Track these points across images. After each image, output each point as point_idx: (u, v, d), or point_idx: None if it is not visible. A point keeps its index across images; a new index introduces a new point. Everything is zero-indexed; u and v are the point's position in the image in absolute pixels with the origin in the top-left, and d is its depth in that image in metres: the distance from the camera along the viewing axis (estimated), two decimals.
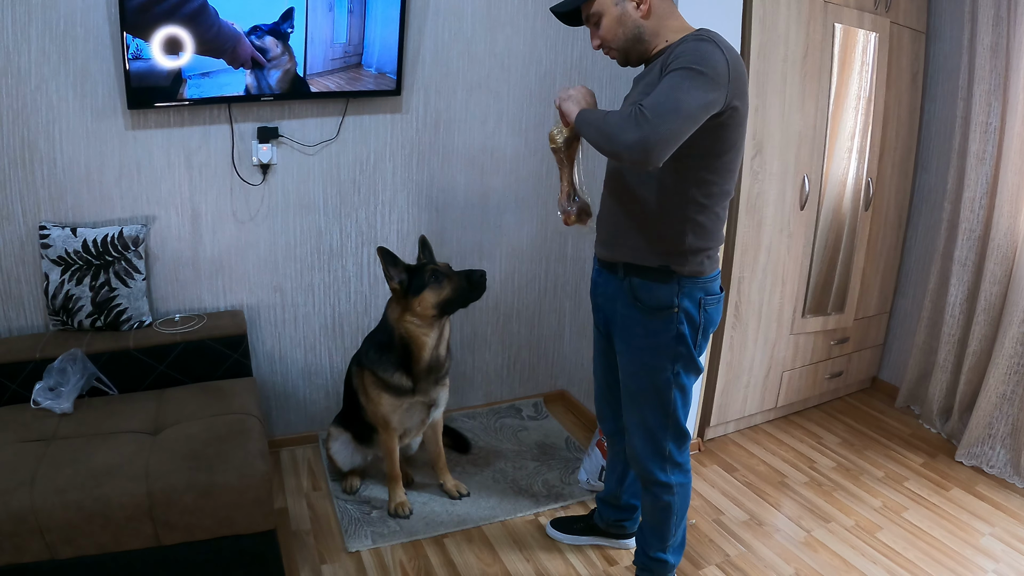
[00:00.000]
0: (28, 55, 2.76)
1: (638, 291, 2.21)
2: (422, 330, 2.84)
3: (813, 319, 3.84)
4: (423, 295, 2.77)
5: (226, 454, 2.43)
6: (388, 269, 2.80)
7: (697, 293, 2.18)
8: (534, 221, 3.86)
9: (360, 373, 3.04)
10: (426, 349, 2.88)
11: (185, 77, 2.86)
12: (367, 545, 2.91)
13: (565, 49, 3.64)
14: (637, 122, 1.82)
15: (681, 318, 2.18)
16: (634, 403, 2.35)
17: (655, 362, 2.24)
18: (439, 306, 2.80)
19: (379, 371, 2.93)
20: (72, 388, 2.73)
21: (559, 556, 2.90)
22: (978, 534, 3.04)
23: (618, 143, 1.87)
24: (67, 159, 2.92)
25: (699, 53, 1.88)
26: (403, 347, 2.88)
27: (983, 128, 3.49)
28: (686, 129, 1.85)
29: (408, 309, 2.82)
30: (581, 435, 3.80)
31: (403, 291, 2.82)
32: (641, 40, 2.09)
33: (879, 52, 3.58)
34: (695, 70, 1.85)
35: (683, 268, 2.14)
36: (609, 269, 2.33)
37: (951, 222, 3.76)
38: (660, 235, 2.14)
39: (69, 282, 2.91)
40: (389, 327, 2.91)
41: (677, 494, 2.40)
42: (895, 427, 3.98)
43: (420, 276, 2.80)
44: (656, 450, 2.35)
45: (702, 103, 1.85)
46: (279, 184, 3.28)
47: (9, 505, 2.15)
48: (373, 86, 3.22)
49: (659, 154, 1.83)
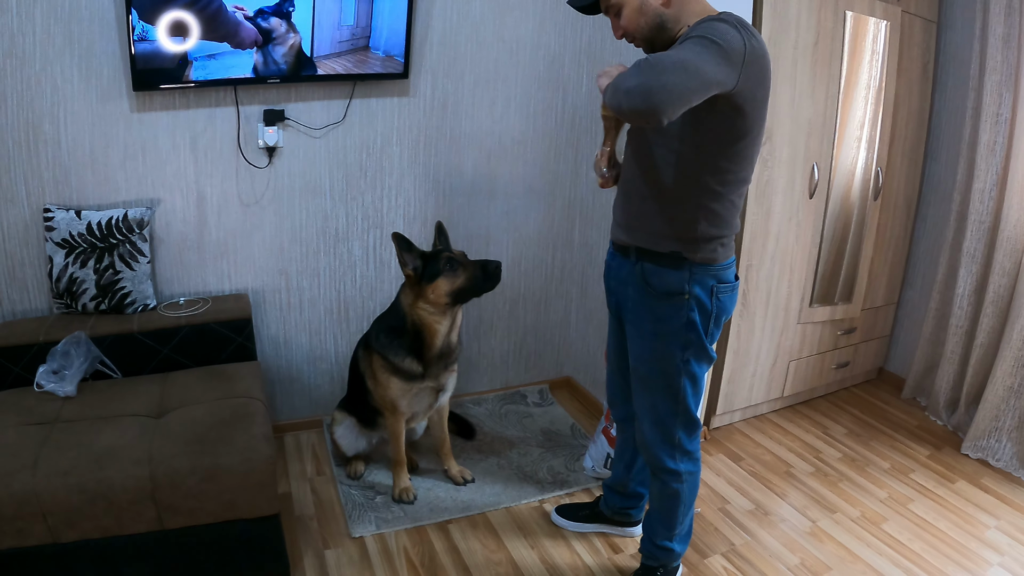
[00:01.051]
0: (33, 36, 2.74)
1: (649, 276, 2.20)
2: (435, 317, 2.83)
3: (821, 309, 3.82)
4: (437, 283, 2.75)
5: (230, 438, 2.43)
6: (403, 255, 2.78)
7: (709, 280, 2.16)
8: (541, 206, 3.84)
9: (369, 356, 3.02)
10: (438, 336, 2.86)
11: (191, 59, 2.84)
12: (371, 530, 2.90)
13: (574, 34, 3.60)
14: (640, 69, 1.77)
15: (692, 305, 2.16)
16: (644, 389, 2.34)
17: (665, 348, 2.23)
18: (453, 295, 2.77)
19: (389, 355, 2.91)
20: (76, 371, 2.72)
21: (564, 543, 2.89)
22: (984, 527, 3.03)
23: (620, 91, 1.80)
24: (72, 141, 2.90)
25: (715, 28, 1.84)
26: (415, 333, 2.86)
27: (994, 119, 3.45)
28: (691, 88, 1.75)
29: (421, 296, 2.79)
30: (587, 422, 3.79)
31: (417, 278, 2.79)
32: (664, 28, 2.05)
33: (890, 41, 3.54)
34: (708, 39, 1.80)
35: (695, 255, 2.13)
36: (623, 253, 2.32)
37: (960, 213, 3.73)
38: (673, 221, 2.12)
39: (73, 265, 2.90)
40: (401, 312, 2.89)
41: (686, 482, 2.39)
42: (901, 418, 3.96)
43: (435, 263, 2.77)
44: (666, 437, 2.34)
45: (710, 70, 1.77)
46: (285, 167, 3.26)
47: (12, 488, 2.15)
48: (380, 69, 3.19)
49: (661, 103, 1.71)
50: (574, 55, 3.65)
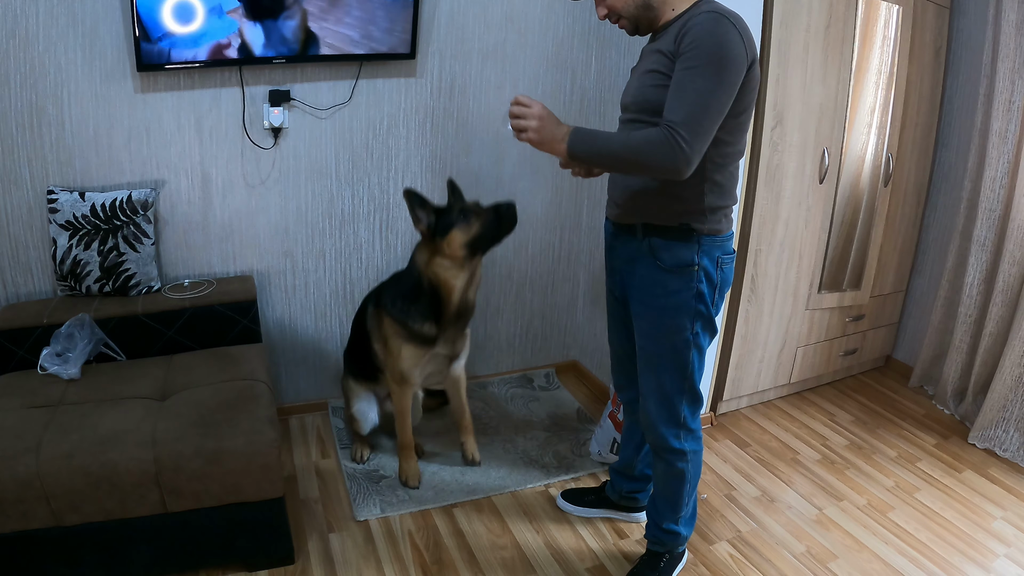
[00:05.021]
0: (36, 17, 2.71)
1: (658, 251, 2.20)
2: (451, 272, 2.75)
3: (829, 295, 3.80)
4: (451, 235, 2.69)
5: (234, 420, 2.42)
6: (416, 211, 2.71)
7: (715, 251, 2.19)
8: (549, 189, 3.81)
9: (379, 318, 2.97)
10: (455, 292, 2.79)
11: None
12: (375, 514, 2.90)
13: (583, 15, 3.56)
14: (673, 147, 1.87)
15: (701, 276, 2.18)
16: (650, 366, 2.34)
17: (675, 322, 2.23)
18: (469, 244, 2.71)
19: (406, 320, 2.85)
20: (79, 354, 2.71)
21: (569, 528, 2.88)
22: (990, 517, 3.02)
23: (657, 169, 1.95)
24: (76, 122, 2.88)
25: (716, 39, 1.88)
26: (432, 293, 2.80)
27: (1006, 106, 3.41)
28: (716, 128, 1.93)
29: (437, 252, 2.73)
30: (593, 406, 3.78)
31: (431, 234, 2.74)
32: (650, 8, 2.06)
33: (902, 25, 3.49)
34: (717, 64, 1.87)
35: (703, 226, 2.15)
36: (626, 231, 2.31)
37: (971, 201, 3.69)
38: (680, 195, 2.12)
39: (77, 247, 2.89)
40: (416, 273, 2.82)
41: (691, 461, 2.40)
42: (908, 407, 3.95)
43: (448, 216, 2.72)
44: (671, 415, 2.34)
45: (729, 98, 1.92)
46: (290, 148, 3.24)
47: (15, 471, 2.15)
48: (387, 49, 3.16)
49: (696, 165, 1.93)
50: (583, 36, 3.61)
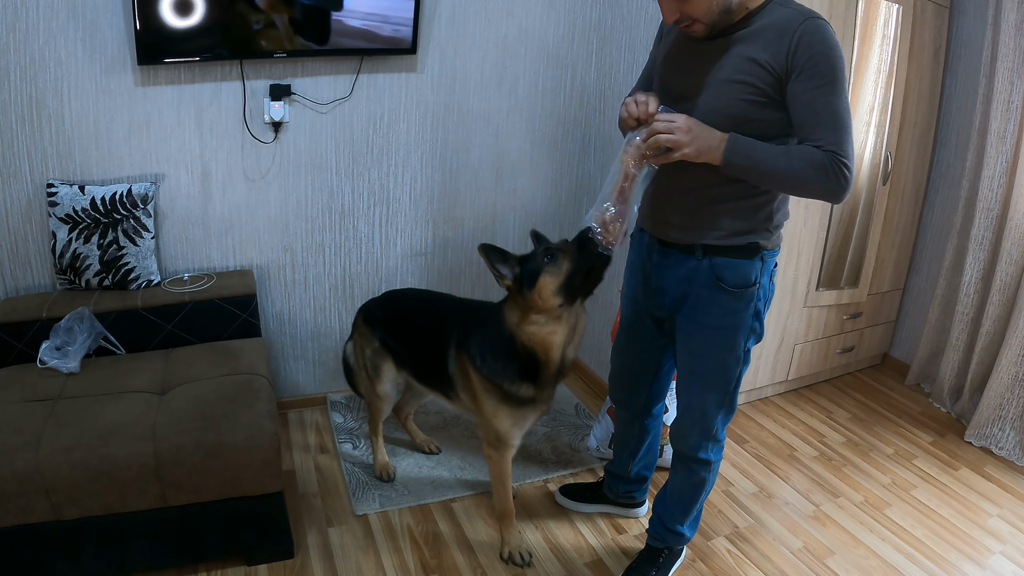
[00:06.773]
0: (36, 10, 2.71)
1: (721, 270, 2.11)
2: (548, 328, 2.33)
3: (827, 292, 3.80)
4: (541, 282, 2.26)
5: (234, 414, 2.42)
6: (496, 267, 2.33)
7: (771, 266, 2.16)
8: (549, 185, 3.82)
9: (461, 365, 2.60)
10: (555, 350, 2.38)
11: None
12: (375, 508, 2.90)
13: (584, 11, 3.57)
14: (839, 176, 1.86)
15: (760, 294, 2.14)
16: (695, 383, 2.28)
17: (730, 340, 2.18)
18: (563, 289, 2.27)
19: (495, 378, 2.47)
20: (79, 347, 2.71)
21: (568, 523, 2.89)
22: (986, 515, 3.03)
23: (818, 194, 1.95)
24: (75, 116, 2.88)
25: (835, 50, 1.84)
26: (528, 356, 2.39)
27: (1005, 106, 3.42)
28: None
29: (530, 307, 2.31)
30: (591, 402, 3.79)
31: (518, 287, 2.33)
32: (729, 11, 1.95)
33: (902, 25, 3.50)
34: (842, 76, 1.86)
35: (768, 242, 2.11)
36: (683, 251, 2.18)
37: (969, 200, 3.70)
38: (752, 212, 2.07)
39: (77, 240, 2.88)
40: (506, 335, 2.40)
41: (713, 470, 2.41)
42: (905, 404, 3.96)
43: (531, 263, 2.30)
44: (704, 428, 2.31)
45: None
46: (291, 143, 3.23)
47: (15, 465, 2.15)
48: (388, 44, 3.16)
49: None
50: (584, 33, 3.61)
